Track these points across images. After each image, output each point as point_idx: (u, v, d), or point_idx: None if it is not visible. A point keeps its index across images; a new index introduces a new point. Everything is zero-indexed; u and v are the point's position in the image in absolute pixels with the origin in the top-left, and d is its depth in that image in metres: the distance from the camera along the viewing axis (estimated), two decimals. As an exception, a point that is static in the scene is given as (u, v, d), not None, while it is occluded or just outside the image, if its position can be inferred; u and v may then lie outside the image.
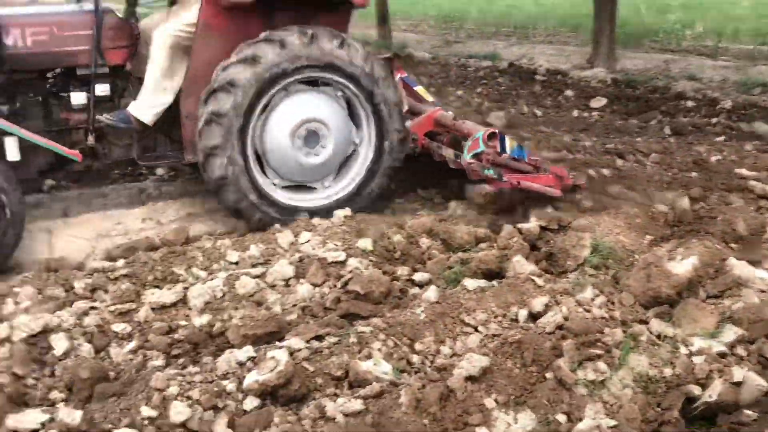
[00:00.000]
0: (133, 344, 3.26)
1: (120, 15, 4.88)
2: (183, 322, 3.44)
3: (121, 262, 4.02)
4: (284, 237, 4.22)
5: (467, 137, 5.01)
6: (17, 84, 4.67)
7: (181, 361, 3.20)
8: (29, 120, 4.67)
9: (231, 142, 4.59)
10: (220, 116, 4.54)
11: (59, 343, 3.15)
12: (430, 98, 5.77)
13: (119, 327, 3.35)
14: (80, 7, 4.84)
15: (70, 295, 3.68)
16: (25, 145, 4.44)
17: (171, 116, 4.83)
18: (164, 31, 4.71)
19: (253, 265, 3.94)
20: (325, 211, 4.76)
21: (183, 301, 3.59)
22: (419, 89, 5.80)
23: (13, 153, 4.43)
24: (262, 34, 4.65)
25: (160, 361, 3.17)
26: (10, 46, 4.47)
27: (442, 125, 5.43)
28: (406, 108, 5.35)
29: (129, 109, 4.73)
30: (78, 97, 4.74)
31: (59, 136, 4.73)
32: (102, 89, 4.78)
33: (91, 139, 4.76)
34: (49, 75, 4.84)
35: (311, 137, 4.82)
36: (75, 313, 3.40)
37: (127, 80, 4.99)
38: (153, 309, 3.51)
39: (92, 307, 3.49)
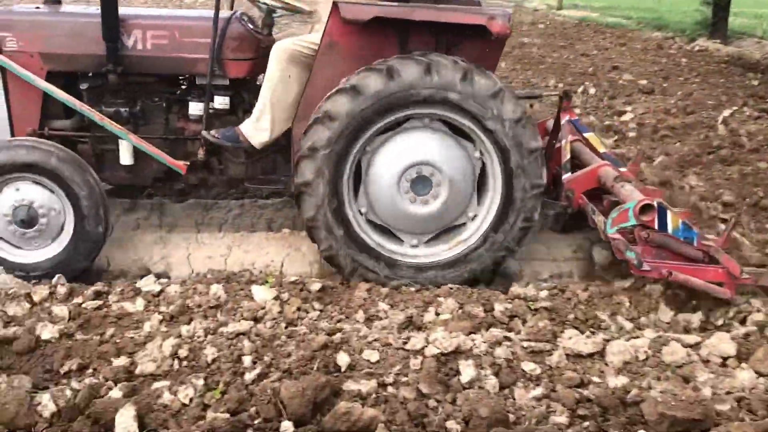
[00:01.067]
0: (539, 390, 3.01)
1: (250, 25, 4.45)
2: (596, 379, 3.11)
3: (544, 293, 3.84)
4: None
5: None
6: (135, 87, 4.51)
7: (585, 424, 2.88)
8: (147, 125, 4.56)
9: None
10: (308, 186, 4.02)
11: (467, 370, 3.06)
12: (602, 148, 4.64)
13: (529, 366, 3.14)
14: (206, 13, 4.51)
15: (488, 316, 3.62)
16: (140, 151, 4.34)
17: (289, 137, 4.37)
18: (282, 44, 4.23)
19: (687, 330, 3.45)
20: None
21: (600, 354, 3.26)
22: (590, 136, 4.75)
23: (126, 157, 4.40)
24: (344, 79, 3.97)
25: (563, 418, 2.88)
26: (129, 47, 4.31)
27: (602, 183, 4.30)
28: (568, 156, 4.49)
29: (240, 128, 4.35)
30: (195, 108, 4.46)
31: (174, 145, 4.55)
32: (221, 102, 4.43)
33: (201, 153, 4.45)
34: (173, 81, 4.65)
35: (421, 182, 4.10)
36: (488, 340, 3.29)
37: (255, 95, 4.48)
38: (567, 355, 3.25)
39: (506, 337, 3.35)
